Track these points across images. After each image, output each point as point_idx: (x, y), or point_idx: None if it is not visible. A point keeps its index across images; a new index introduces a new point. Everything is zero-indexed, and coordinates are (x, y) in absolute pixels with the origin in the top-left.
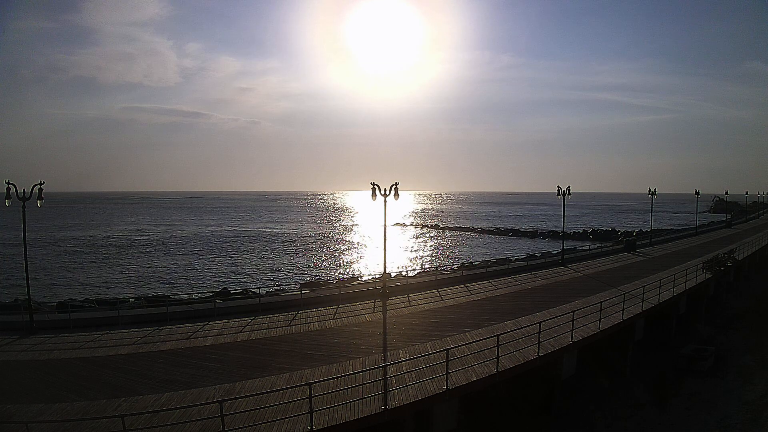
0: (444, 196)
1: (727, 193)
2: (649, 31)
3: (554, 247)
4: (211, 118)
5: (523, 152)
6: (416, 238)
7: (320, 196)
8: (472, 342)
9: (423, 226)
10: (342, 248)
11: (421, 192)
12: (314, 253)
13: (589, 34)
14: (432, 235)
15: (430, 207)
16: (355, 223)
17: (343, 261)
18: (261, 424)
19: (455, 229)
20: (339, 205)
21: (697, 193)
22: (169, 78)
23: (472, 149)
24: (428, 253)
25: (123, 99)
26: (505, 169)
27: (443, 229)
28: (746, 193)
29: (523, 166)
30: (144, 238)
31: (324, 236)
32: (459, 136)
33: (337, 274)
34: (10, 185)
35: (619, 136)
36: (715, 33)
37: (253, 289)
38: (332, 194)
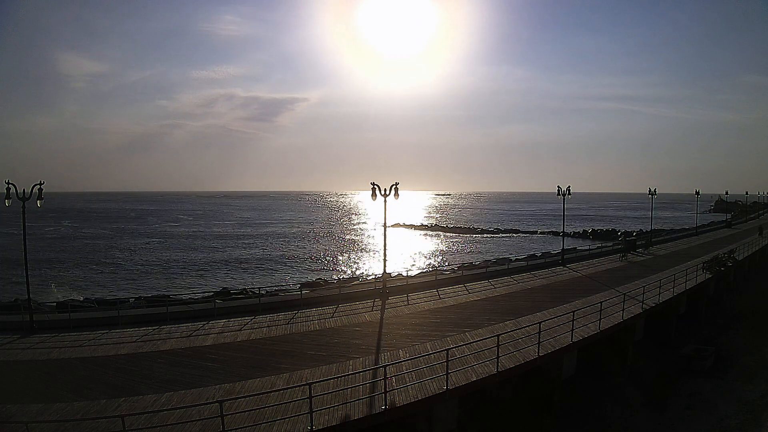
0: (460, 196)
1: (727, 193)
2: (652, 50)
3: (554, 247)
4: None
5: (534, 154)
6: (416, 238)
7: (333, 196)
8: (472, 342)
9: (423, 227)
10: (343, 248)
11: (438, 192)
12: (315, 252)
13: (598, 52)
14: (432, 235)
15: (441, 207)
16: (359, 222)
17: (344, 261)
18: (261, 424)
19: (455, 229)
20: (349, 205)
21: (698, 193)
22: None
23: (488, 152)
24: (428, 253)
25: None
26: (517, 170)
27: (443, 229)
28: (746, 193)
29: (533, 167)
30: (144, 237)
31: (326, 236)
32: (476, 140)
33: (337, 274)
34: (10, 185)
35: (623, 140)
36: (714, 50)
37: (253, 289)
38: (346, 194)
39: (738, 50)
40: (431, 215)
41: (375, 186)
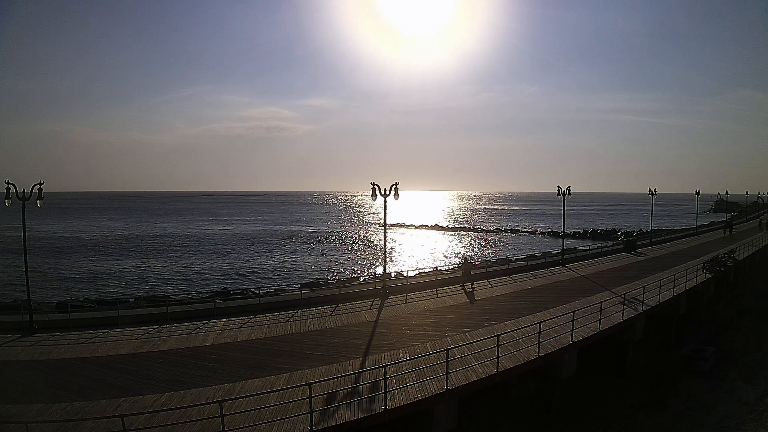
0: (475, 196)
1: (727, 193)
2: (656, 67)
3: (554, 247)
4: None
5: (544, 157)
6: (417, 238)
7: (345, 195)
8: (472, 342)
9: (423, 227)
10: (343, 248)
11: (455, 192)
12: (315, 252)
13: (605, 72)
14: (432, 235)
15: (448, 207)
16: (362, 222)
17: (344, 261)
18: (261, 424)
19: (455, 229)
20: (358, 205)
21: (698, 193)
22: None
23: (501, 156)
24: (428, 253)
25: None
26: (526, 172)
27: (443, 229)
28: (746, 193)
29: (543, 170)
30: (145, 237)
31: (328, 236)
32: (488, 145)
33: (337, 274)
34: (10, 185)
35: (626, 145)
36: (712, 67)
37: (253, 289)
38: (358, 194)
39: (732, 68)
40: (436, 215)
41: (375, 186)
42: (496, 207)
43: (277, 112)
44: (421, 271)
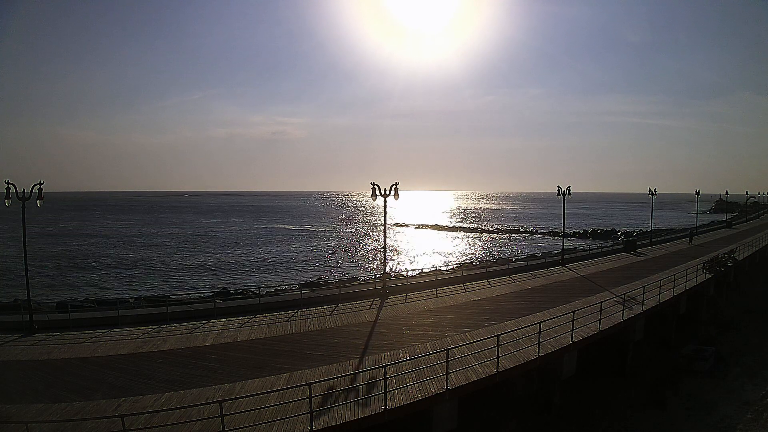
0: (476, 196)
1: (727, 193)
2: (659, 67)
3: (554, 247)
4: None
5: (547, 159)
6: (417, 238)
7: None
8: (472, 342)
9: (423, 226)
10: (343, 248)
11: (457, 192)
12: (315, 252)
13: (609, 72)
14: (432, 235)
15: (453, 207)
16: (362, 222)
17: (344, 261)
18: (261, 424)
19: (455, 229)
20: (359, 205)
21: (698, 193)
22: None
23: (504, 156)
24: (428, 253)
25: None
26: (532, 172)
27: (443, 229)
28: (746, 193)
29: (548, 170)
30: (144, 238)
31: (328, 236)
32: (494, 145)
33: (337, 274)
34: (10, 185)
35: (631, 146)
36: (712, 69)
37: (253, 289)
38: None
39: (733, 71)
40: (437, 215)
41: (375, 186)
42: (497, 207)
43: (281, 118)
44: (421, 271)
